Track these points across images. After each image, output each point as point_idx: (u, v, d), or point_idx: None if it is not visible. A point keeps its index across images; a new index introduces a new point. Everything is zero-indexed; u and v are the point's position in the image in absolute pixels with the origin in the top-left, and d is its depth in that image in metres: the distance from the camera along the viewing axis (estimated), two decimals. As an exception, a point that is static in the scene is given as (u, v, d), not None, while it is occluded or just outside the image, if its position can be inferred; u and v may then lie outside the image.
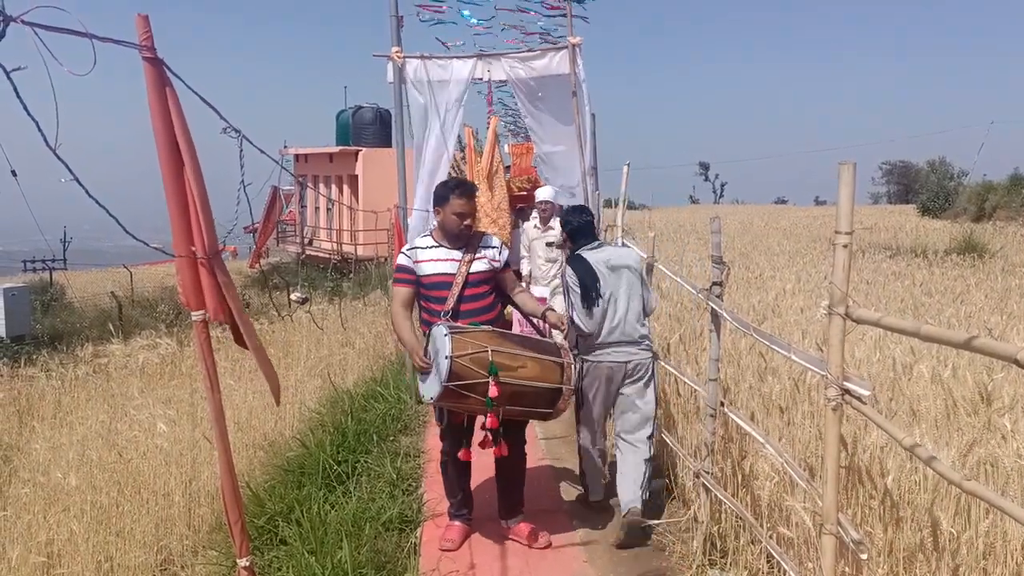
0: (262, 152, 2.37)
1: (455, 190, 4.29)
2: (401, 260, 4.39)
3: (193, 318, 2.04)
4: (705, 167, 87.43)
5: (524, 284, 7.19)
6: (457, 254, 4.32)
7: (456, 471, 4.56)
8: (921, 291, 9.48)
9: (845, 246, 2.50)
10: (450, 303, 4.22)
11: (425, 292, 4.31)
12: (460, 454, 4.44)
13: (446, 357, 3.84)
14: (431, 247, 4.35)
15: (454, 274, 4.26)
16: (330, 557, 4.09)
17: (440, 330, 4.00)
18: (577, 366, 4.35)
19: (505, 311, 4.69)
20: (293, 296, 16.11)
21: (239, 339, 2.24)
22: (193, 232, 1.97)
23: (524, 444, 4.54)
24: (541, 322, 4.48)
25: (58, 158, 1.56)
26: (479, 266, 4.32)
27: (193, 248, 1.97)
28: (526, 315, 4.64)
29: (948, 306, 7.99)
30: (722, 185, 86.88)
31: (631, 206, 40.49)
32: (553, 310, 4.52)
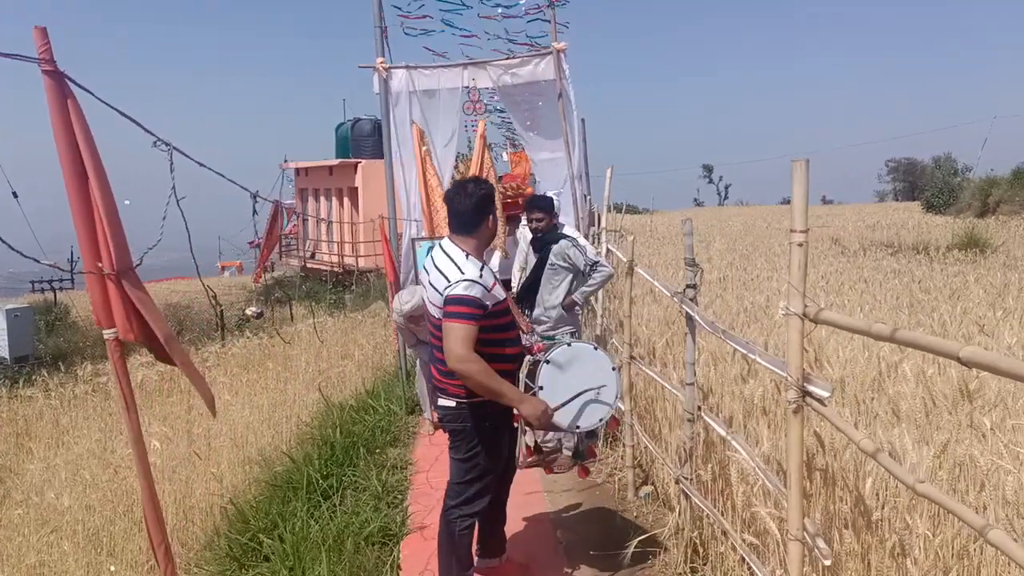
0: (201, 165, 2.33)
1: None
2: (474, 292, 3.41)
3: (105, 336, 2.00)
4: (709, 169, 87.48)
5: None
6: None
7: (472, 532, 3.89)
8: (919, 288, 9.37)
9: (800, 244, 2.45)
10: (523, 337, 3.77)
11: (495, 322, 3.56)
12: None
13: (613, 368, 3.73)
14: (483, 268, 3.57)
15: (506, 298, 3.68)
16: (308, 573, 4.05)
17: (585, 347, 3.75)
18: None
19: None
20: (248, 311, 16.11)
21: (163, 356, 2.17)
22: (100, 248, 1.93)
23: None
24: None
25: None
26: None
27: (100, 264, 1.92)
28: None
29: (944, 303, 7.89)
30: (726, 187, 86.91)
31: (633, 210, 40.43)
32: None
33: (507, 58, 8.27)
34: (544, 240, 5.74)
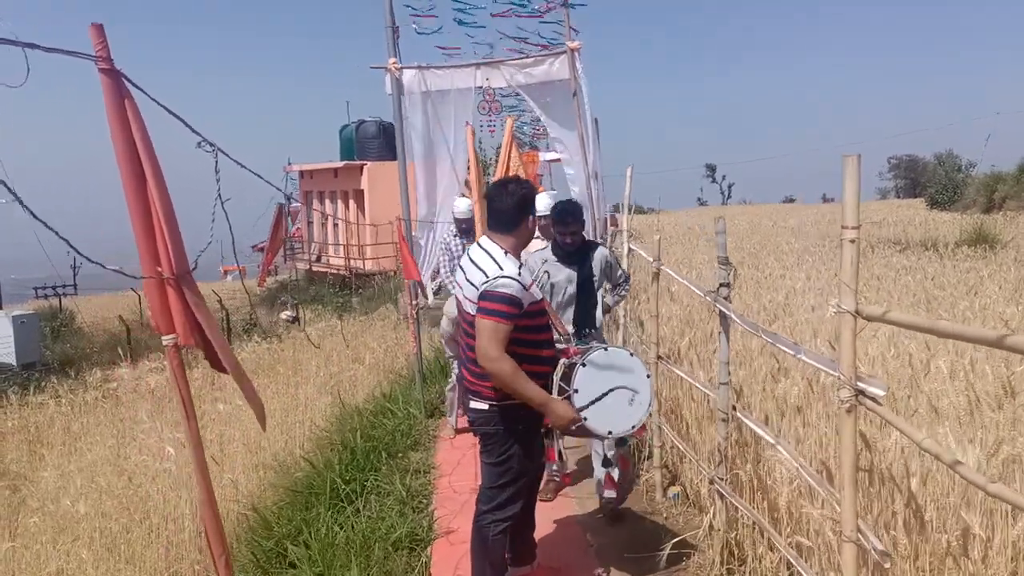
0: (242, 166, 2.28)
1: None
2: (511, 290, 3.38)
3: (164, 342, 1.94)
4: (712, 169, 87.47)
5: None
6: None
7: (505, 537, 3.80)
8: (933, 284, 9.31)
9: (852, 241, 2.39)
10: (557, 336, 3.79)
11: (531, 323, 3.53)
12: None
13: (648, 375, 3.67)
14: (521, 267, 3.57)
15: (542, 299, 3.66)
16: (338, 579, 4.00)
17: (622, 352, 3.71)
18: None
19: None
20: (283, 315, 16.16)
21: (216, 363, 2.12)
22: (160, 251, 1.88)
23: None
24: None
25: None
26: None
27: (159, 268, 1.87)
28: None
29: (961, 299, 7.83)
30: (729, 186, 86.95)
31: (640, 211, 40.39)
32: None
33: (521, 57, 8.21)
34: (581, 251, 4.98)
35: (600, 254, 5.06)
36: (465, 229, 7.23)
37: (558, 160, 14.73)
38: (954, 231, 18.77)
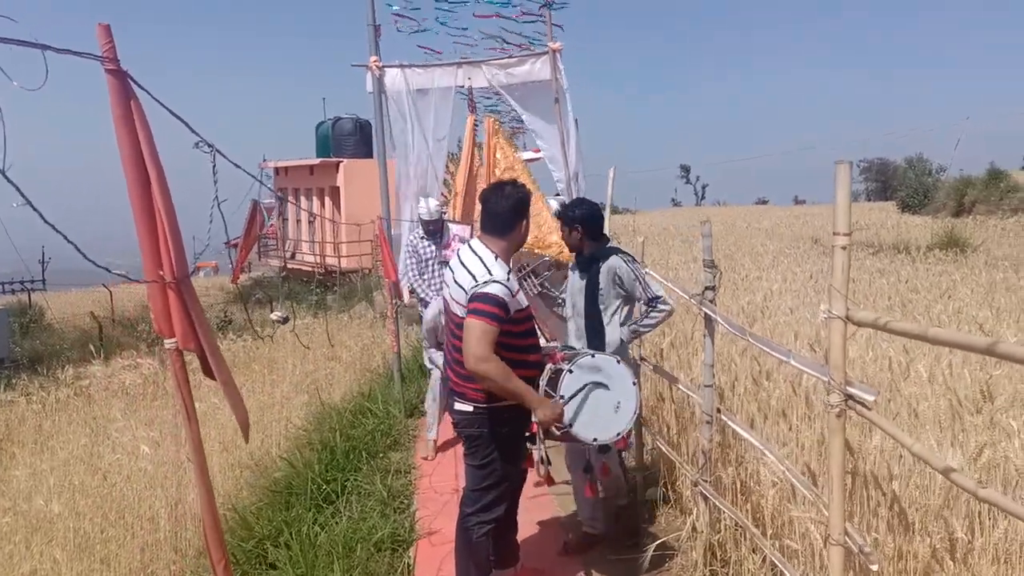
0: (237, 166, 2.26)
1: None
2: (500, 292, 3.36)
3: (166, 346, 1.92)
4: (686, 170, 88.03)
5: None
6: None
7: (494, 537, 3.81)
8: (907, 288, 9.44)
9: (844, 247, 2.42)
10: (543, 344, 3.77)
11: (516, 328, 3.50)
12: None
13: (633, 383, 3.66)
14: (509, 272, 3.51)
15: (528, 306, 3.63)
16: (320, 581, 3.97)
17: (609, 359, 3.69)
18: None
19: None
20: (273, 316, 16.02)
21: (207, 370, 2.10)
22: (161, 254, 1.85)
23: None
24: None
25: (8, 180, 1.45)
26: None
27: (161, 272, 1.84)
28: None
29: (936, 302, 7.95)
30: (703, 187, 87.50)
31: (615, 211, 40.52)
32: None
33: (503, 57, 8.21)
34: (591, 258, 4.43)
35: (609, 264, 4.35)
36: (432, 231, 7.14)
37: (534, 160, 14.77)
38: (925, 234, 19.09)
